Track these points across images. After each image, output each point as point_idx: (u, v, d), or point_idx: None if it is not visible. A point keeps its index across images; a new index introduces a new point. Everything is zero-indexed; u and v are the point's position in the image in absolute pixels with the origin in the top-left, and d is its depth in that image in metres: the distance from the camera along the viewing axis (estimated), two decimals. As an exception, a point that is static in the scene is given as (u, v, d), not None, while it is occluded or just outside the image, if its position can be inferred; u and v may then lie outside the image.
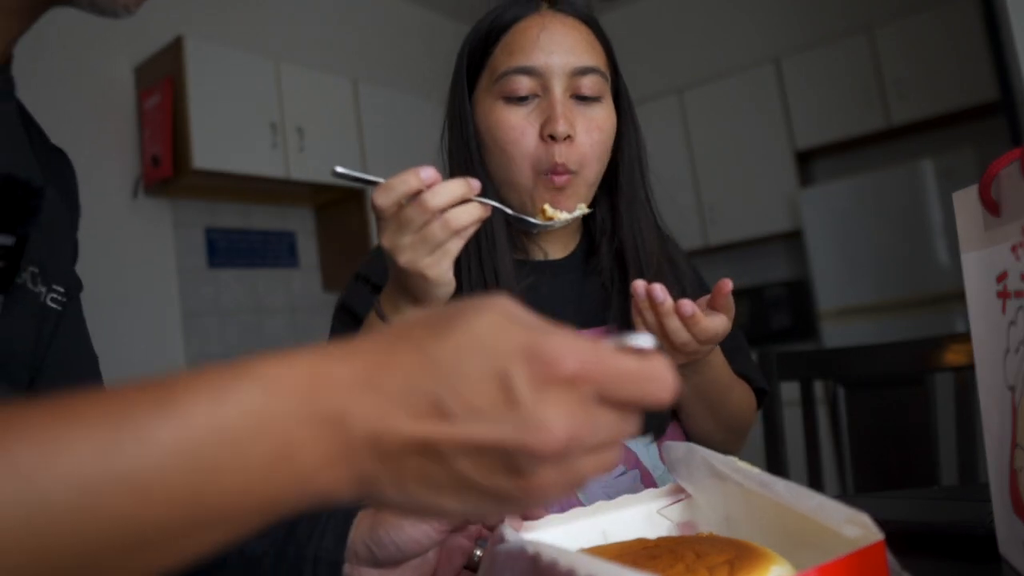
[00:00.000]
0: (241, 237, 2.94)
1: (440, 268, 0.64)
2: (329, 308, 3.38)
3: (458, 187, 0.62)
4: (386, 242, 0.64)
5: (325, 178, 2.88)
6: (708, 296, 0.72)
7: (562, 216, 0.77)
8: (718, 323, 0.70)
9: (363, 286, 0.86)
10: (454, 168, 0.86)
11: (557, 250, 0.90)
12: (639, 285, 0.70)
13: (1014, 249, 0.46)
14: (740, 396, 0.87)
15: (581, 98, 0.80)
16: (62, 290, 0.60)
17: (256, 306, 2.95)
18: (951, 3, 3.04)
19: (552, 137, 0.77)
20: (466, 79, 0.84)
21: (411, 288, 0.67)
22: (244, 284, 2.93)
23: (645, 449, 0.83)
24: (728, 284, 0.70)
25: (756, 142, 3.56)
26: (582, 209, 0.79)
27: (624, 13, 4.11)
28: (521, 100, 0.79)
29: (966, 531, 0.54)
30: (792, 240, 3.59)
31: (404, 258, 0.63)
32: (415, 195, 0.62)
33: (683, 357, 0.73)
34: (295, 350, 0.28)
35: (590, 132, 0.79)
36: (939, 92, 3.09)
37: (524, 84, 0.78)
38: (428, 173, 0.62)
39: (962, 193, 0.51)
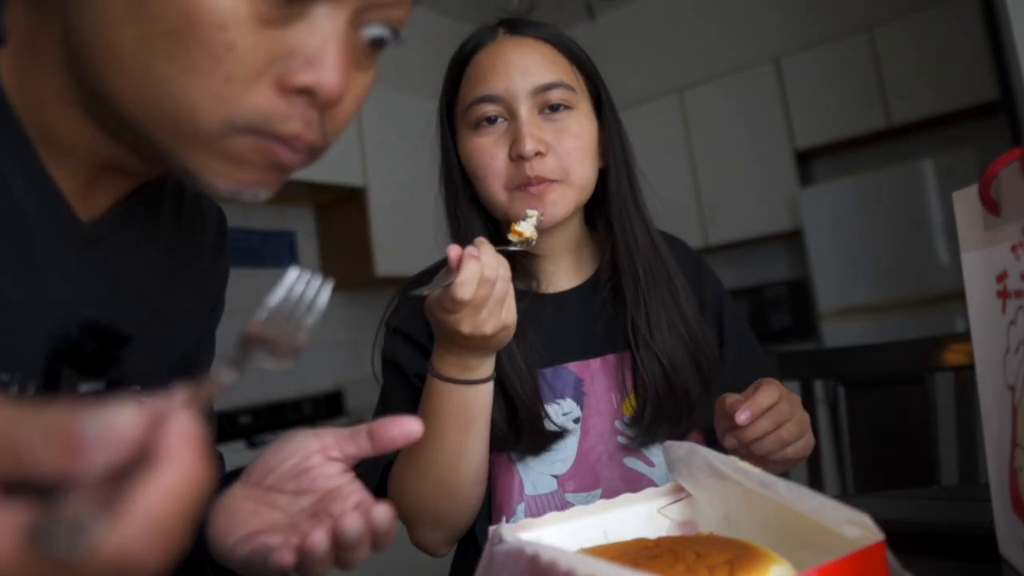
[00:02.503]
0: (241, 237, 2.94)
1: (514, 312, 0.70)
2: (329, 308, 3.36)
3: (488, 249, 0.67)
4: (467, 327, 0.67)
5: (325, 178, 2.88)
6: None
7: (529, 231, 0.77)
8: (764, 400, 0.69)
9: (398, 339, 0.87)
10: (447, 197, 0.87)
11: (564, 280, 0.90)
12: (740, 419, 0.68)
13: (1014, 249, 0.46)
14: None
15: (553, 108, 0.80)
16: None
17: (256, 306, 2.95)
18: (951, 3, 3.04)
19: (521, 157, 0.78)
20: (446, 114, 0.86)
21: (493, 347, 0.72)
22: (244, 284, 2.92)
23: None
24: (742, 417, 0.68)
25: (756, 142, 3.56)
26: (532, 222, 0.78)
27: (624, 13, 4.10)
28: (491, 123, 0.80)
29: (966, 531, 0.54)
30: (792, 240, 3.59)
31: (490, 327, 0.68)
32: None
33: (779, 467, 0.72)
34: None
35: (563, 141, 0.80)
36: (939, 92, 3.09)
37: (489, 110, 0.80)
38: (478, 251, 0.66)
39: (962, 193, 0.51)
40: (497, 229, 0.85)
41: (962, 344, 1.12)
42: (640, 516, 0.57)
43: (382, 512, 0.44)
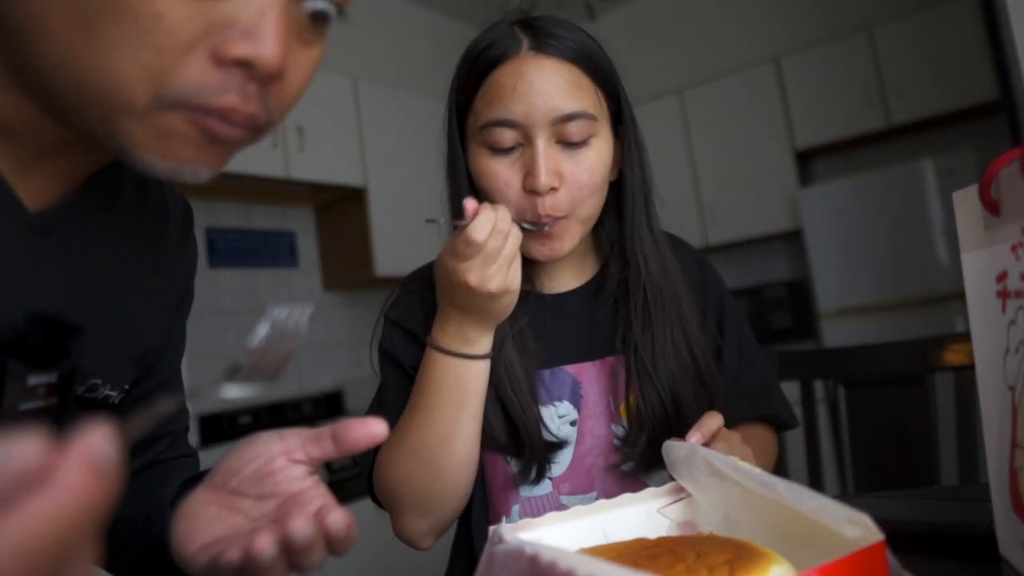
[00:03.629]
0: (241, 237, 2.93)
1: (519, 278, 0.72)
2: (329, 308, 3.35)
3: (504, 208, 0.70)
4: (474, 279, 0.68)
5: (325, 178, 2.88)
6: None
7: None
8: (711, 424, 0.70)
9: (396, 331, 0.87)
10: (452, 195, 0.85)
11: (565, 282, 0.89)
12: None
13: (1014, 249, 0.46)
14: (767, 461, 0.89)
15: (568, 143, 0.76)
16: (127, 386, 0.61)
17: (256, 306, 2.95)
18: (951, 3, 3.04)
19: (534, 191, 0.75)
20: (456, 116, 0.82)
21: (493, 314, 0.73)
22: (244, 284, 2.93)
23: None
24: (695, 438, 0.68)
25: (756, 142, 3.56)
26: None
27: (624, 13, 4.10)
28: (505, 150, 0.77)
29: (966, 531, 0.54)
30: (792, 240, 3.59)
31: (495, 283, 0.69)
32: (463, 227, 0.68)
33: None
34: None
35: (578, 176, 0.76)
36: (939, 92, 3.09)
37: (506, 136, 0.76)
38: (485, 203, 0.70)
39: (962, 193, 0.51)
40: None
41: (962, 344, 1.12)
42: (640, 516, 0.57)
43: (338, 517, 0.44)
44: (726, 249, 3.77)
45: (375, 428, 0.47)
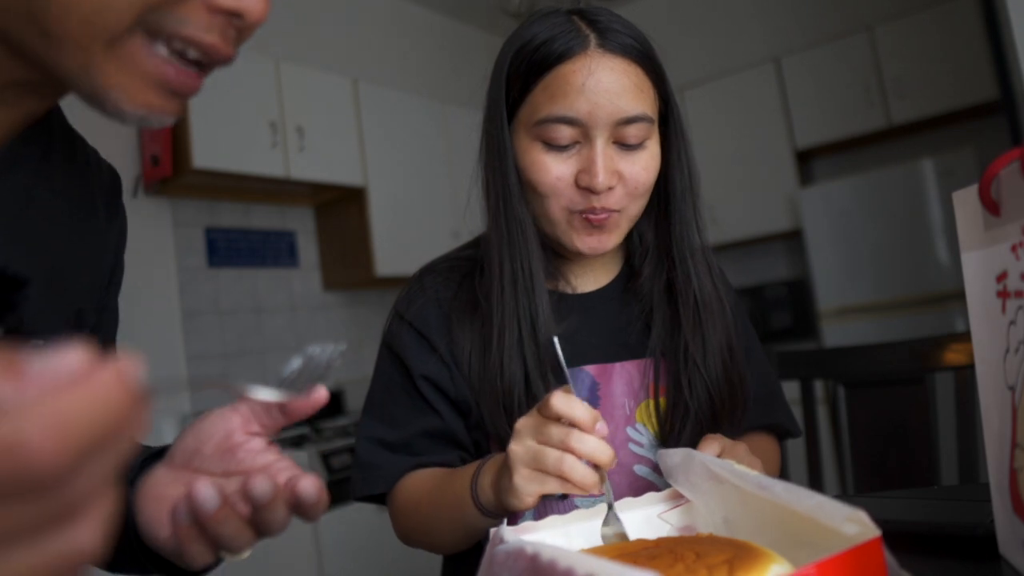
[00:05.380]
0: (241, 237, 2.94)
1: (532, 501, 0.63)
2: (329, 308, 3.35)
3: (601, 444, 0.61)
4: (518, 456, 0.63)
5: (325, 178, 2.88)
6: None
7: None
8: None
9: (408, 332, 0.85)
10: (490, 197, 0.82)
11: (590, 281, 0.88)
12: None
13: (1014, 249, 0.46)
14: (770, 471, 0.89)
15: (625, 145, 0.76)
16: None
17: (256, 306, 2.95)
18: (951, 3, 3.04)
19: (590, 190, 0.75)
20: (505, 105, 0.79)
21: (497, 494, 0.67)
22: (244, 284, 2.93)
23: None
24: None
25: (756, 142, 3.56)
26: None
27: (624, 13, 4.08)
28: (561, 148, 0.75)
29: (966, 531, 0.54)
30: (792, 240, 3.59)
31: (531, 499, 0.63)
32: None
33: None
34: None
35: (633, 177, 0.76)
36: (939, 92, 3.09)
37: (565, 133, 0.74)
38: (601, 429, 0.61)
39: (962, 193, 0.51)
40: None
41: (962, 344, 1.12)
42: (639, 521, 0.57)
43: (308, 483, 0.45)
44: (726, 249, 3.77)
45: (318, 395, 0.47)
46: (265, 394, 0.42)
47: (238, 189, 2.84)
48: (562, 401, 0.61)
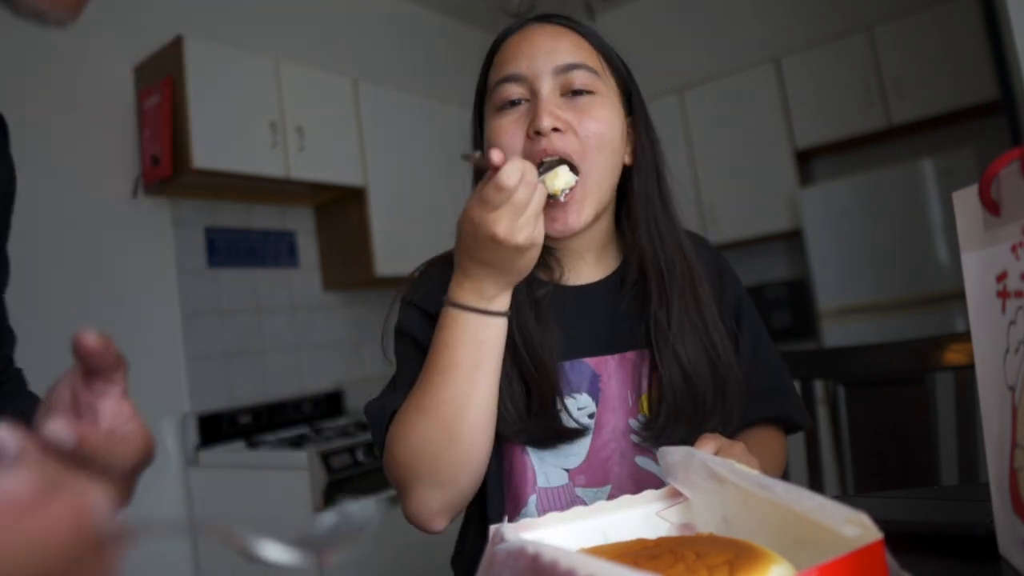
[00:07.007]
0: (241, 236, 2.93)
1: (543, 234, 0.70)
2: (329, 307, 3.34)
3: (531, 164, 0.69)
4: (503, 230, 0.67)
5: (325, 177, 2.88)
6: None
7: (561, 184, 0.76)
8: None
9: (415, 312, 0.86)
10: (476, 182, 0.86)
11: (588, 274, 0.89)
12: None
13: (1014, 249, 0.46)
14: (774, 467, 0.89)
15: (575, 93, 0.80)
16: None
17: (256, 306, 2.95)
18: (951, 3, 3.04)
19: (538, 133, 0.77)
20: (478, 104, 0.88)
21: (517, 269, 0.71)
22: (244, 284, 2.93)
23: None
24: None
25: (756, 142, 3.56)
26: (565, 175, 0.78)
27: (624, 13, 4.10)
28: (513, 105, 0.81)
29: (966, 531, 0.54)
30: (792, 239, 3.59)
31: (523, 235, 0.67)
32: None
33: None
34: None
35: (584, 123, 0.79)
36: (939, 92, 3.09)
37: (512, 91, 0.80)
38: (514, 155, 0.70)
39: (962, 193, 0.51)
40: None
41: (962, 344, 1.12)
42: (639, 519, 0.57)
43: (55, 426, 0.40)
44: (726, 249, 3.76)
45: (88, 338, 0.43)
46: (277, 553, 0.35)
47: (238, 189, 2.84)
48: (513, 176, 0.66)
